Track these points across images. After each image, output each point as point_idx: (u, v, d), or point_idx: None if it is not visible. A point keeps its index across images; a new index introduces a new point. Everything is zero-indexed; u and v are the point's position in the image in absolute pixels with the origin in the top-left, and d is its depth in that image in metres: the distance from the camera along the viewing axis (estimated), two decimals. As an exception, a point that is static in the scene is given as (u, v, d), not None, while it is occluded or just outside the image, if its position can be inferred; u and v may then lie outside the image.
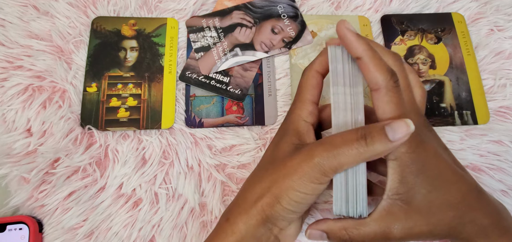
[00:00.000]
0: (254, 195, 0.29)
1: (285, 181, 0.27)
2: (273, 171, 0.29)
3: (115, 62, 0.45)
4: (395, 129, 0.26)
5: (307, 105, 0.31)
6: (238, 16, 0.48)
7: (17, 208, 0.39)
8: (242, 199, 0.30)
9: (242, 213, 0.29)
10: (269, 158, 0.31)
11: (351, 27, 0.28)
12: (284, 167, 0.28)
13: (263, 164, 0.32)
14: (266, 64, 0.46)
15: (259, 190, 0.29)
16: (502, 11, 0.49)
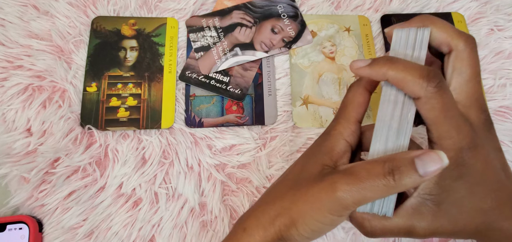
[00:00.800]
0: (274, 211, 0.28)
1: (305, 206, 0.26)
2: (295, 191, 0.28)
3: (115, 62, 0.45)
4: (426, 162, 0.23)
5: (350, 124, 0.29)
6: (238, 16, 0.48)
7: (17, 207, 0.39)
8: (261, 211, 0.29)
9: (259, 226, 0.28)
10: (296, 175, 0.29)
11: (361, 61, 0.27)
12: (306, 192, 0.27)
13: (289, 178, 0.30)
14: (266, 64, 0.46)
15: (279, 208, 0.28)
16: (502, 11, 0.49)
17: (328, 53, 0.47)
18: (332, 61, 0.46)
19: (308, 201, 0.26)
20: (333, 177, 0.26)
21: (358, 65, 0.27)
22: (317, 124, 0.43)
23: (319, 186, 0.26)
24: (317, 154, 0.29)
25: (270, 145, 0.42)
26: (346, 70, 0.46)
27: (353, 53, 0.47)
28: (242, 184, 0.41)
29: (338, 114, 0.30)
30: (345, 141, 0.28)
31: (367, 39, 0.47)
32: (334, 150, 0.28)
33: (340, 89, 0.45)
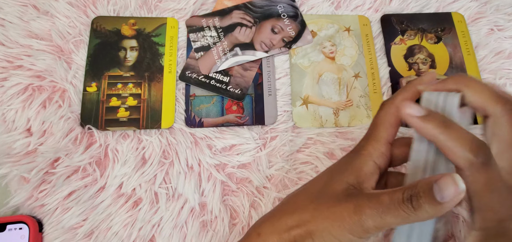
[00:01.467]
0: (292, 221, 0.28)
1: (325, 222, 0.26)
2: (317, 205, 0.27)
3: (115, 61, 0.45)
4: (442, 187, 0.23)
5: (381, 145, 0.28)
6: (238, 16, 0.48)
7: (17, 207, 0.39)
8: (278, 219, 0.29)
9: (274, 233, 0.28)
10: (319, 189, 0.29)
11: (415, 108, 0.27)
12: (327, 208, 0.26)
13: (312, 191, 0.29)
14: (266, 64, 0.46)
15: (297, 219, 0.27)
16: (502, 11, 0.49)
17: (328, 53, 0.47)
18: (332, 61, 0.46)
19: (330, 218, 0.26)
20: (358, 199, 0.25)
21: (410, 113, 0.27)
22: (317, 123, 0.43)
23: (343, 205, 0.26)
24: (344, 172, 0.28)
25: (270, 145, 0.42)
26: (346, 70, 0.46)
27: (353, 53, 0.47)
28: (242, 184, 0.41)
29: (368, 134, 0.29)
30: (374, 163, 0.28)
31: (367, 39, 0.47)
32: (362, 170, 0.27)
33: (340, 89, 0.45)
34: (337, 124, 0.43)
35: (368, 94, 0.45)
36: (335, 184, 0.27)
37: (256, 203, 0.40)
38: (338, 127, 0.43)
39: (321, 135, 0.43)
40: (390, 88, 0.45)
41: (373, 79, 0.45)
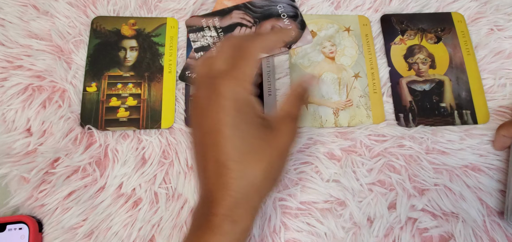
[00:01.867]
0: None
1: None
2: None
3: (115, 62, 0.45)
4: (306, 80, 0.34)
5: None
6: (238, 16, 0.48)
7: (17, 207, 0.39)
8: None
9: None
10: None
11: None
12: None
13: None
14: (266, 64, 0.46)
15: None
16: (502, 11, 0.49)
17: (328, 53, 0.47)
18: (332, 61, 0.46)
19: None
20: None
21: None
22: (317, 123, 0.43)
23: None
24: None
25: (270, 145, 0.42)
26: (345, 70, 0.46)
27: (353, 53, 0.47)
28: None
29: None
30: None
31: (367, 39, 0.47)
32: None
33: (340, 89, 0.45)
34: (337, 124, 0.43)
35: (368, 94, 0.45)
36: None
37: (256, 203, 0.40)
38: (338, 127, 0.43)
39: (321, 135, 0.43)
40: (390, 88, 0.45)
41: (373, 79, 0.45)
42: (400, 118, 0.44)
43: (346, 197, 0.40)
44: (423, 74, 0.46)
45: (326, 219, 0.39)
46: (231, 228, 0.28)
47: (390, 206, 0.40)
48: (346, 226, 0.39)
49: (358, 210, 0.39)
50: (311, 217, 0.39)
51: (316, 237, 0.39)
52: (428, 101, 0.44)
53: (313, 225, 0.39)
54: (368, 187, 0.41)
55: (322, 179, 0.41)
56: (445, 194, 0.40)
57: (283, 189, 0.40)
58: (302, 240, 0.39)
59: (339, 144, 0.42)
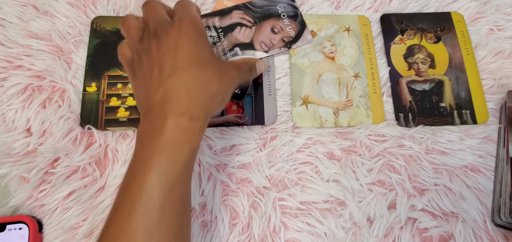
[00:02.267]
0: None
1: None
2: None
3: (115, 61, 0.45)
4: (259, 65, 0.40)
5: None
6: (238, 16, 0.48)
7: (17, 207, 0.39)
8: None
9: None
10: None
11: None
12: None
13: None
14: (266, 64, 0.46)
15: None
16: (502, 11, 0.49)
17: (328, 53, 0.47)
18: (332, 61, 0.46)
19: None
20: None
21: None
22: (316, 123, 0.43)
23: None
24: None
25: (270, 144, 0.42)
26: (345, 70, 0.46)
27: (353, 53, 0.47)
28: (242, 184, 0.41)
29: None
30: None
31: (367, 39, 0.47)
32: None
33: (340, 89, 0.45)
34: (336, 123, 0.43)
35: (368, 94, 0.45)
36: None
37: (256, 203, 0.40)
38: (338, 126, 0.43)
39: (321, 134, 0.43)
40: (389, 88, 0.45)
41: (373, 79, 0.45)
42: (400, 118, 0.44)
43: (346, 197, 0.40)
44: (422, 74, 0.46)
45: (326, 219, 0.39)
46: (189, 124, 0.29)
47: (390, 206, 0.40)
48: (346, 226, 0.39)
49: (358, 210, 0.39)
50: (311, 217, 0.39)
51: (316, 237, 0.39)
52: (427, 101, 0.44)
53: (313, 225, 0.39)
54: (368, 187, 0.41)
55: (322, 179, 0.41)
56: (445, 194, 0.40)
57: (283, 188, 0.40)
58: (302, 240, 0.39)
59: (339, 144, 0.42)
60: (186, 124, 0.29)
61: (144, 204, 0.27)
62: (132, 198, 0.27)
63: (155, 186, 0.27)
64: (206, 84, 0.31)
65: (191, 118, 0.29)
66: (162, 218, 0.28)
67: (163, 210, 0.28)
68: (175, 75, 0.30)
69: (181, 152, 0.29)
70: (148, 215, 0.27)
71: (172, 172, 0.28)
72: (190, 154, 0.30)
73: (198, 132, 0.30)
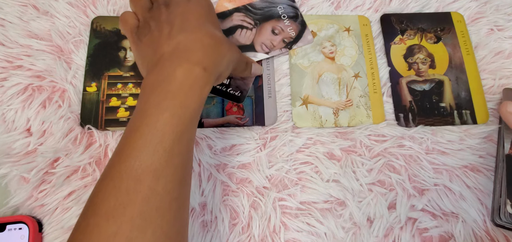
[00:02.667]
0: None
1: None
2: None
3: (115, 61, 0.45)
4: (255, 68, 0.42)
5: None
6: (238, 18, 0.47)
7: (17, 207, 0.39)
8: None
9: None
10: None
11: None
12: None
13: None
14: (266, 66, 0.46)
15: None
16: (502, 11, 0.49)
17: (328, 53, 0.47)
18: (332, 61, 0.46)
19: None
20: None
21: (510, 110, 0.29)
22: (316, 123, 0.43)
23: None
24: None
25: (270, 145, 0.42)
26: (345, 70, 0.46)
27: (353, 53, 0.47)
28: (242, 184, 0.41)
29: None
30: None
31: (367, 39, 0.47)
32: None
33: (340, 89, 0.45)
34: (337, 124, 0.43)
35: (368, 94, 0.45)
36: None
37: (256, 203, 0.40)
38: (338, 127, 0.43)
39: (320, 135, 0.43)
40: (390, 88, 0.45)
41: (373, 79, 0.45)
42: (400, 118, 0.44)
43: (346, 197, 0.40)
44: (422, 74, 0.46)
45: (326, 219, 0.39)
46: (202, 74, 0.30)
47: (390, 206, 0.40)
48: (346, 226, 0.39)
49: (358, 210, 0.39)
50: (311, 217, 0.39)
51: (316, 237, 0.39)
52: (428, 101, 0.44)
53: (313, 225, 0.39)
54: (368, 187, 0.41)
55: (322, 179, 0.41)
56: (445, 194, 0.40)
57: (283, 188, 0.40)
58: (302, 240, 0.39)
59: (339, 144, 0.42)
60: (200, 73, 0.30)
61: (155, 143, 0.27)
62: (142, 139, 0.27)
63: (168, 127, 0.28)
64: (218, 44, 0.32)
65: (205, 69, 0.30)
66: (169, 161, 0.28)
67: (171, 154, 0.28)
68: (189, 31, 0.32)
69: (194, 97, 0.29)
70: (157, 155, 0.27)
71: (183, 116, 0.29)
72: (200, 103, 0.30)
73: (209, 84, 0.31)
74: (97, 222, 0.25)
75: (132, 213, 0.25)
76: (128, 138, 0.28)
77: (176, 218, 0.28)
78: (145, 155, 0.27)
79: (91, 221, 0.26)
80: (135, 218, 0.25)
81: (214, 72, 0.31)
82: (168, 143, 0.27)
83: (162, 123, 0.28)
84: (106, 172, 0.28)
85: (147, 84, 0.30)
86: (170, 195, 0.27)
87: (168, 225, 0.27)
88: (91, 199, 0.27)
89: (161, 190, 0.27)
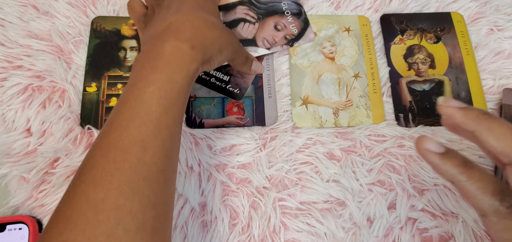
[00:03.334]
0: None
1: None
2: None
3: (115, 62, 0.45)
4: (255, 65, 0.43)
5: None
6: (242, 11, 0.47)
7: (17, 207, 0.39)
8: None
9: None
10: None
11: (434, 144, 0.25)
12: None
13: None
14: (266, 66, 0.46)
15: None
16: (501, 11, 0.49)
17: (327, 54, 0.47)
18: (332, 62, 0.46)
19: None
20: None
21: (428, 148, 0.26)
22: (316, 123, 0.43)
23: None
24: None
25: (270, 145, 0.42)
26: (345, 70, 0.46)
27: (353, 53, 0.47)
28: (242, 184, 0.41)
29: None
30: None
31: (367, 39, 0.47)
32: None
33: (340, 89, 0.45)
34: (336, 124, 0.43)
35: (368, 94, 0.45)
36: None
37: (256, 203, 0.40)
38: (338, 127, 0.43)
39: (320, 135, 0.43)
40: (389, 88, 0.45)
41: (373, 79, 0.45)
42: (400, 118, 0.44)
43: (346, 197, 0.40)
44: (422, 74, 0.46)
45: (326, 219, 0.39)
46: (190, 51, 0.31)
47: (390, 206, 0.40)
48: (346, 226, 0.39)
49: (358, 210, 0.40)
50: (311, 217, 0.39)
51: (316, 237, 0.39)
52: (427, 101, 0.44)
53: (313, 225, 0.39)
54: (368, 187, 0.41)
55: (322, 179, 0.41)
56: (445, 194, 0.40)
57: (283, 188, 0.40)
58: (302, 240, 0.39)
59: (339, 144, 0.42)
60: (187, 50, 0.31)
61: (142, 115, 0.28)
62: (130, 110, 0.28)
63: (154, 99, 0.28)
64: (209, 27, 0.33)
65: (193, 47, 0.31)
66: (157, 133, 0.28)
67: (159, 126, 0.28)
68: (182, 12, 0.33)
69: (181, 73, 0.30)
70: (144, 126, 0.28)
71: (171, 91, 0.29)
72: (188, 80, 0.31)
73: (196, 62, 0.31)
74: (84, 190, 0.26)
75: (119, 181, 0.26)
76: (117, 111, 0.29)
77: (162, 190, 0.28)
78: (132, 126, 0.27)
79: (78, 189, 0.26)
80: (122, 185, 0.26)
81: (202, 52, 0.32)
82: (155, 115, 0.28)
83: (148, 95, 0.28)
84: (95, 143, 0.28)
85: (138, 61, 0.31)
86: (157, 166, 0.28)
87: (155, 196, 0.27)
88: (80, 169, 0.27)
89: (148, 160, 0.27)
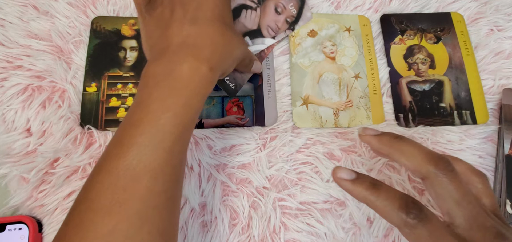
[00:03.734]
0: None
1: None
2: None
3: (115, 62, 0.45)
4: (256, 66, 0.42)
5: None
6: None
7: (17, 208, 0.39)
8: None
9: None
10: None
11: (346, 172, 0.28)
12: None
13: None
14: (266, 65, 0.46)
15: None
16: (501, 11, 0.49)
17: (328, 53, 0.47)
18: (333, 61, 0.46)
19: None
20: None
21: (341, 176, 0.28)
22: (317, 124, 0.43)
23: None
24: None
25: (270, 145, 0.42)
26: (346, 71, 0.46)
27: (353, 54, 0.47)
28: (242, 184, 0.41)
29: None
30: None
31: (367, 39, 0.47)
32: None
33: (340, 89, 0.45)
34: (337, 124, 0.43)
35: (368, 95, 0.45)
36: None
37: (256, 203, 0.40)
38: (338, 127, 0.43)
39: (321, 135, 0.43)
40: (389, 89, 0.45)
41: (373, 80, 0.45)
42: (400, 118, 0.44)
43: (346, 197, 0.40)
44: (422, 74, 0.46)
45: (326, 219, 0.39)
46: (208, 74, 0.29)
47: (390, 206, 0.40)
48: (346, 226, 0.39)
49: (357, 210, 0.40)
50: (311, 217, 0.39)
51: (316, 237, 0.39)
52: (427, 102, 0.44)
53: (313, 225, 0.39)
54: (368, 187, 0.41)
55: (322, 179, 0.41)
56: (445, 194, 0.40)
57: (283, 189, 0.40)
58: (302, 240, 0.39)
59: (339, 144, 0.42)
60: (206, 72, 0.29)
61: (155, 143, 0.27)
62: (143, 137, 0.27)
63: (169, 127, 0.27)
64: (228, 43, 0.32)
65: (211, 69, 0.30)
66: (169, 161, 0.27)
67: (171, 154, 0.27)
68: (201, 24, 0.31)
69: (197, 97, 0.29)
70: (156, 155, 0.26)
71: (185, 117, 0.28)
72: (202, 104, 0.30)
73: (212, 84, 0.31)
74: (92, 218, 0.25)
75: (129, 212, 0.25)
76: (128, 131, 0.27)
77: (170, 215, 0.28)
78: (145, 154, 0.26)
79: (85, 216, 0.25)
80: (131, 216, 0.25)
81: (219, 71, 0.31)
82: (169, 143, 0.27)
83: (163, 121, 0.27)
84: (101, 165, 0.27)
85: (150, 74, 0.29)
86: (167, 194, 0.27)
87: (163, 223, 0.27)
88: (86, 193, 0.26)
89: (159, 189, 0.27)
